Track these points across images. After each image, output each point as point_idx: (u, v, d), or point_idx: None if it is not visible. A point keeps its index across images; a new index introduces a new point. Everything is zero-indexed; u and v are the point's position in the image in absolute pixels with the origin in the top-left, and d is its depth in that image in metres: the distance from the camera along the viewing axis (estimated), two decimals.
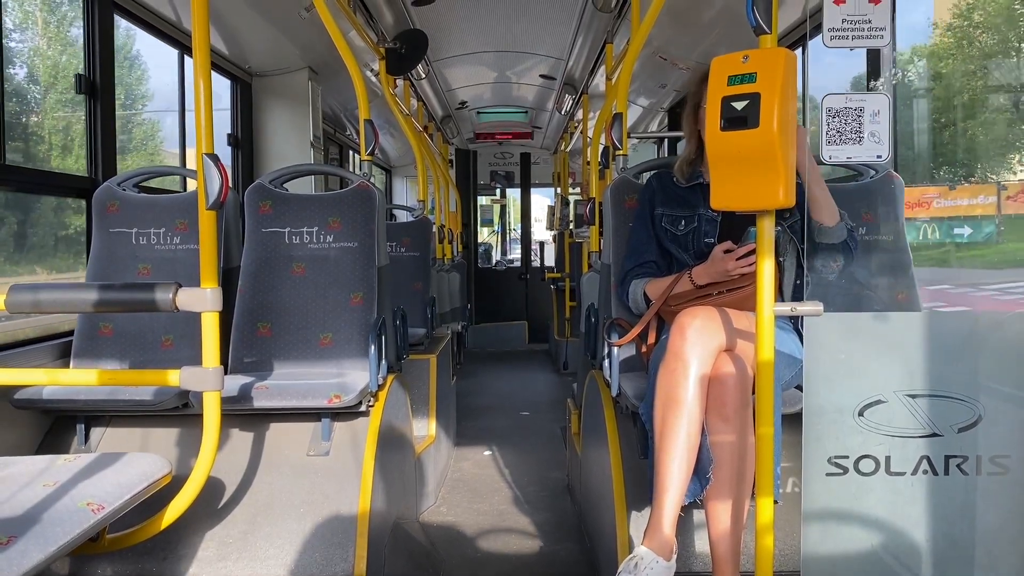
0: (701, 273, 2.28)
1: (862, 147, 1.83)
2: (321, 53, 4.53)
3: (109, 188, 2.96)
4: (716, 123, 1.59)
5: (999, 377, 1.64)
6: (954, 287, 4.52)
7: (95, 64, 3.13)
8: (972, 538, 1.64)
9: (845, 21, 1.80)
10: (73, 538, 1.57)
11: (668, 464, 1.97)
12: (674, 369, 2.00)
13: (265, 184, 3.03)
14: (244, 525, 2.37)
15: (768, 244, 1.60)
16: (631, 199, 2.73)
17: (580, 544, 3.05)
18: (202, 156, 1.98)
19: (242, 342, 2.85)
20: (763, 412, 1.64)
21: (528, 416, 5.54)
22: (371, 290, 2.90)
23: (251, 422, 2.62)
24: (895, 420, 1.61)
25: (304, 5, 3.88)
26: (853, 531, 1.64)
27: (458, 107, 7.70)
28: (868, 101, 1.82)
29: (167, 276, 2.87)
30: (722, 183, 1.64)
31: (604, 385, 2.67)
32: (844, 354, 1.64)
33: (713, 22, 4.24)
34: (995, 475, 1.62)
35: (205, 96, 1.97)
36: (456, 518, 3.39)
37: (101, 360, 2.80)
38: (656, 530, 1.93)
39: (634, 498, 2.32)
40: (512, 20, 5.08)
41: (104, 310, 1.90)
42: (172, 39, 3.80)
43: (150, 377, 2.01)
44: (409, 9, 4.61)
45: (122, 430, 2.65)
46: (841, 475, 1.63)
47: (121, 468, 1.92)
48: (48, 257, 6.51)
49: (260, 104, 4.75)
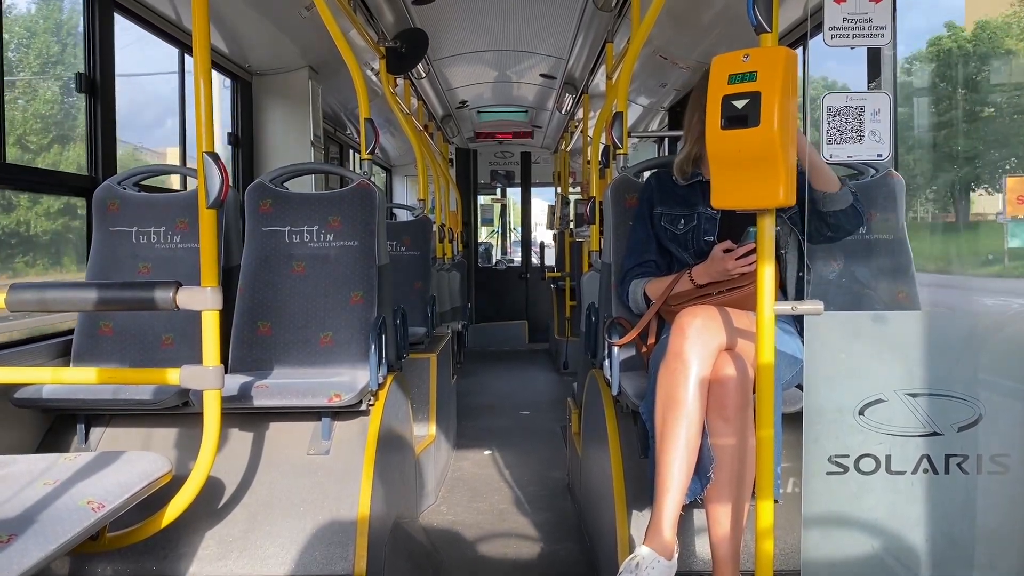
0: (701, 272, 2.28)
1: (863, 146, 1.83)
2: (321, 52, 4.53)
3: (109, 187, 2.96)
4: (716, 122, 1.59)
5: (1000, 376, 1.64)
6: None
7: (95, 62, 3.13)
8: (972, 537, 1.64)
9: (846, 20, 1.80)
10: (73, 537, 1.57)
11: (669, 464, 1.96)
12: (674, 369, 2.00)
13: (265, 183, 3.03)
14: (244, 524, 2.37)
15: (768, 243, 1.60)
16: (631, 198, 2.73)
17: (580, 544, 3.05)
18: (202, 155, 1.98)
19: (242, 341, 2.85)
20: (764, 413, 1.64)
21: (528, 416, 5.55)
22: (371, 289, 2.90)
23: (251, 421, 2.62)
24: (895, 419, 1.61)
25: (304, 4, 3.88)
26: (853, 530, 1.64)
27: (458, 106, 7.70)
28: (869, 100, 1.82)
29: (167, 275, 2.87)
30: (722, 182, 1.64)
31: (604, 384, 2.67)
32: (844, 353, 1.64)
33: (713, 21, 4.24)
34: (995, 474, 1.62)
35: (205, 95, 1.96)
36: (456, 517, 3.39)
37: (101, 359, 2.80)
38: (657, 530, 1.93)
39: (634, 498, 2.31)
40: (512, 19, 5.08)
41: (104, 309, 1.90)
42: (172, 38, 3.80)
43: (150, 376, 2.01)
44: (409, 8, 4.61)
45: (122, 429, 2.65)
46: (841, 474, 1.63)
47: (121, 467, 1.92)
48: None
49: (260, 103, 4.75)
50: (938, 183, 6.33)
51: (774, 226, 1.62)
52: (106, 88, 3.17)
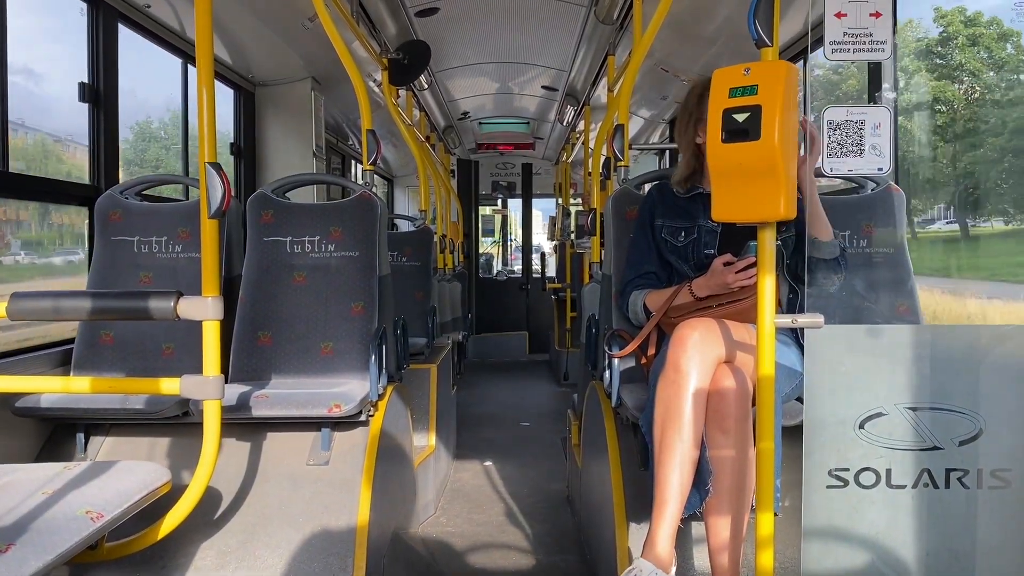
0: (701, 285, 2.28)
1: (863, 160, 1.84)
2: (324, 63, 4.55)
3: (111, 196, 2.97)
4: (717, 135, 1.59)
5: (1000, 390, 1.63)
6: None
7: (98, 72, 3.15)
8: (973, 552, 1.63)
9: (847, 34, 1.81)
10: (71, 546, 1.57)
11: (668, 476, 1.96)
12: (673, 381, 2.00)
13: (267, 193, 3.03)
14: (243, 534, 2.36)
15: (769, 256, 1.60)
16: (632, 210, 2.73)
17: (580, 556, 3.04)
18: (205, 165, 1.98)
19: (243, 351, 2.85)
20: (764, 426, 1.64)
21: (528, 427, 5.54)
22: (372, 300, 2.90)
23: (251, 431, 2.62)
24: (896, 433, 1.61)
25: (307, 15, 3.90)
26: (853, 544, 1.64)
27: (460, 117, 7.72)
28: (869, 114, 1.82)
29: (168, 284, 2.87)
30: (723, 195, 1.64)
31: (604, 396, 2.67)
32: (845, 366, 1.64)
33: (715, 35, 4.25)
34: (996, 489, 1.61)
35: (208, 105, 1.97)
36: (455, 529, 3.38)
37: (102, 368, 2.80)
38: (655, 542, 1.93)
39: (634, 510, 2.31)
40: (514, 31, 5.10)
41: (105, 318, 1.91)
42: (176, 48, 3.82)
43: (150, 385, 2.01)
44: (412, 20, 4.63)
45: (122, 438, 2.65)
46: (841, 488, 1.62)
47: (120, 476, 1.91)
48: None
49: (263, 114, 4.77)
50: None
51: (775, 239, 1.62)
52: (109, 98, 3.18)
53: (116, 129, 3.22)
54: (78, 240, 3.42)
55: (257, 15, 3.88)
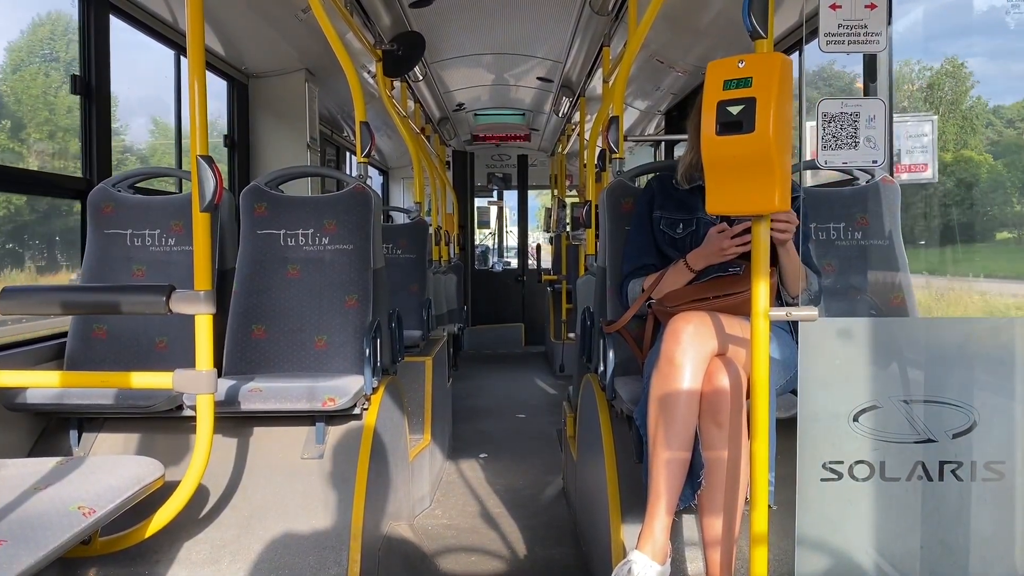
0: (697, 257, 2.27)
1: (858, 152, 1.83)
2: (318, 55, 4.52)
3: (104, 189, 2.95)
4: (711, 127, 1.58)
5: (994, 383, 1.64)
6: None
7: (90, 65, 3.12)
8: (967, 544, 1.63)
9: (841, 26, 1.80)
10: (64, 542, 1.56)
11: (661, 469, 1.96)
12: (667, 374, 2.00)
13: (261, 186, 3.02)
14: (237, 528, 2.36)
15: (763, 249, 1.60)
16: (627, 202, 2.73)
17: (575, 548, 3.04)
18: (196, 158, 1.97)
19: (236, 344, 2.84)
20: (758, 419, 1.64)
21: (524, 419, 5.54)
22: (366, 292, 2.89)
23: (245, 425, 2.61)
24: (890, 426, 1.61)
25: (301, 6, 3.88)
26: (847, 536, 1.64)
27: (455, 109, 7.70)
28: (864, 106, 1.82)
29: (162, 278, 2.86)
30: (717, 188, 1.64)
31: (599, 389, 2.67)
32: (839, 359, 1.64)
33: (709, 26, 4.24)
34: (990, 481, 1.61)
35: (200, 97, 1.96)
36: (451, 521, 3.38)
37: (95, 362, 2.79)
38: (650, 535, 1.93)
39: (629, 502, 2.31)
40: (509, 22, 5.08)
41: (98, 312, 1.90)
42: (168, 40, 3.79)
43: (143, 380, 2.00)
44: (406, 11, 4.60)
45: (115, 433, 2.64)
46: (836, 480, 1.62)
47: (113, 471, 1.91)
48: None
49: (256, 106, 4.75)
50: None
51: (768, 232, 1.62)
52: (101, 90, 3.16)
53: (108, 122, 3.20)
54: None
55: (250, 5, 3.86)
